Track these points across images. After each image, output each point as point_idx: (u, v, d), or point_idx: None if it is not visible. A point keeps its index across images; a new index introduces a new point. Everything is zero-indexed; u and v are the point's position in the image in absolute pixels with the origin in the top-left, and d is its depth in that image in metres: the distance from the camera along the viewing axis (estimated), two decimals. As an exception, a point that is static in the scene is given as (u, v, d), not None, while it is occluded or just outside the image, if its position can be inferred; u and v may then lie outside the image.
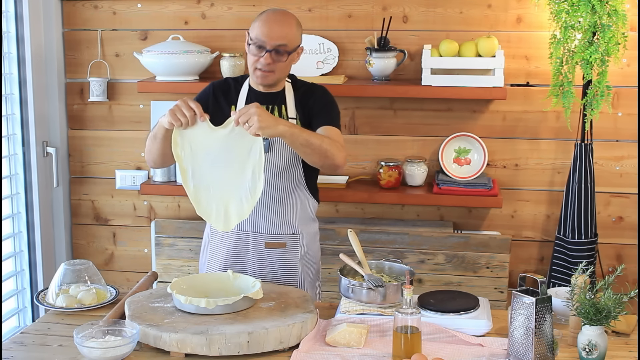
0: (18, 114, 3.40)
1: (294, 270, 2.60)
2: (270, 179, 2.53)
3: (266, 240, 2.58)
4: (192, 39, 3.45)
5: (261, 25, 2.45)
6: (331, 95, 2.62)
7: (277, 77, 2.51)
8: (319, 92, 2.60)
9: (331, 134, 2.46)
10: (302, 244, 2.61)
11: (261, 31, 2.44)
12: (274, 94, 2.56)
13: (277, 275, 2.59)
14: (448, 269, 3.30)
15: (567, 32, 2.99)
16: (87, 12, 3.53)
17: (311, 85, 2.63)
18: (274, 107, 2.55)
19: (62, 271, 2.46)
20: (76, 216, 3.71)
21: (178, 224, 3.47)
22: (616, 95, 3.25)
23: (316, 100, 2.56)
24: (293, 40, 2.48)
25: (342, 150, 2.42)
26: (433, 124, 3.41)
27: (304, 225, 2.62)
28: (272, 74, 2.48)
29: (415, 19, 3.35)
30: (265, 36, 2.43)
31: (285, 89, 2.58)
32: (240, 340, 2.01)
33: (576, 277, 2.13)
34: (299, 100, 2.56)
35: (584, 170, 3.13)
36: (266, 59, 2.44)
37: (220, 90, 2.60)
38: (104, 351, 1.95)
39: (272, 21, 2.46)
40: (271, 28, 2.44)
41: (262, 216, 2.57)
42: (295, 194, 2.58)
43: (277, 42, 2.43)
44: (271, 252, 2.59)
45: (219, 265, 2.63)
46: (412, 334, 1.99)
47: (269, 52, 2.43)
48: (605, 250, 3.36)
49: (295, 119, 2.54)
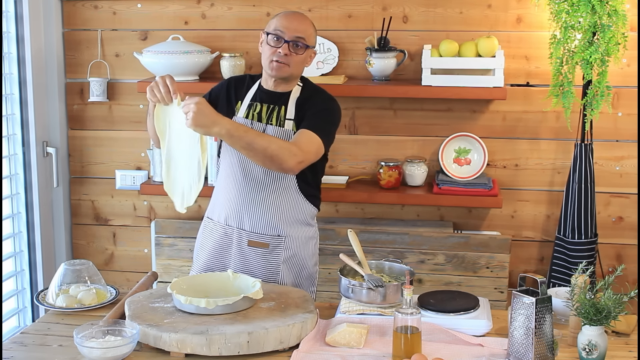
0: (18, 114, 3.40)
1: (276, 272, 2.60)
2: (258, 177, 2.55)
3: (249, 239, 2.59)
4: (192, 39, 3.45)
5: (281, 18, 2.53)
6: (333, 102, 2.61)
7: (291, 72, 2.53)
8: (320, 98, 2.61)
9: (301, 137, 2.46)
10: (287, 247, 2.60)
11: (281, 23, 2.51)
12: (280, 95, 2.58)
13: (258, 274, 2.58)
14: (448, 269, 3.30)
15: (567, 32, 2.99)
16: (87, 12, 3.54)
17: (317, 91, 2.64)
18: (275, 107, 2.57)
19: (62, 271, 2.46)
20: (76, 216, 3.71)
21: (178, 224, 3.47)
22: (616, 95, 3.25)
23: (312, 105, 2.56)
24: (310, 37, 2.55)
25: (296, 155, 2.40)
26: (433, 124, 3.41)
27: (292, 229, 2.61)
28: (287, 67, 2.51)
29: (415, 19, 3.35)
30: (284, 28, 2.50)
31: (293, 91, 2.59)
32: (240, 340, 2.01)
33: (576, 277, 2.13)
34: (300, 102, 2.57)
35: (584, 170, 3.13)
36: (284, 49, 2.49)
37: (234, 85, 2.68)
38: (104, 351, 1.95)
39: (292, 15, 2.56)
40: (291, 21, 2.52)
41: (247, 214, 2.58)
42: (285, 197, 2.57)
43: (296, 34, 2.50)
44: (253, 251, 2.59)
45: (205, 257, 2.67)
46: (412, 334, 1.99)
47: (287, 42, 2.49)
48: (605, 250, 3.36)
49: (292, 121, 2.55)
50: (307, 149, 2.45)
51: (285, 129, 2.54)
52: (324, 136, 2.51)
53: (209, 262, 2.65)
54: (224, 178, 2.62)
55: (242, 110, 2.59)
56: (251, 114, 2.58)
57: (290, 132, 2.53)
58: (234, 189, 2.58)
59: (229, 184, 2.60)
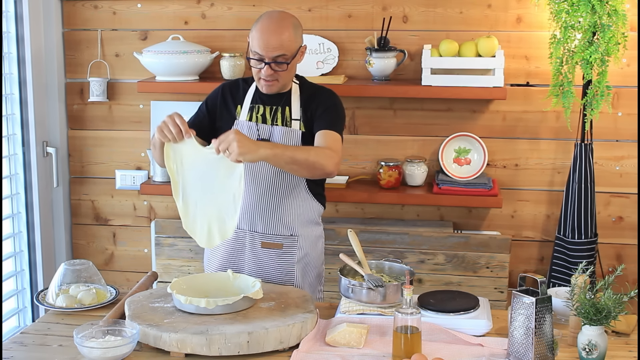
0: (18, 114, 3.40)
1: (290, 272, 2.60)
2: (268, 179, 2.54)
3: (262, 240, 2.59)
4: (192, 39, 3.45)
5: (258, 37, 2.43)
6: (337, 97, 2.61)
7: (281, 84, 2.51)
8: (324, 95, 2.59)
9: (327, 139, 2.46)
10: (300, 247, 2.61)
11: (258, 44, 2.43)
12: (280, 95, 2.57)
13: (273, 275, 2.58)
14: (448, 269, 3.30)
15: (567, 32, 2.99)
16: (87, 12, 3.54)
17: (318, 88, 2.63)
18: (277, 107, 2.56)
19: (62, 271, 2.46)
20: (76, 216, 3.71)
21: (178, 224, 3.47)
22: (616, 95, 3.25)
23: (320, 103, 2.55)
24: (291, 47, 2.45)
25: (333, 157, 2.40)
26: (433, 124, 3.41)
27: (304, 228, 2.62)
28: (276, 82, 2.49)
29: (415, 19, 3.35)
30: (262, 49, 2.43)
31: (292, 90, 2.58)
32: (240, 340, 2.01)
33: (576, 277, 2.13)
34: (304, 102, 2.56)
35: (584, 170, 3.13)
36: (267, 70, 2.45)
37: (229, 91, 2.63)
38: (104, 351, 1.95)
39: (267, 32, 2.43)
40: (267, 40, 2.42)
41: (259, 215, 2.57)
42: (296, 196, 2.58)
43: (275, 54, 2.43)
44: (267, 252, 2.59)
45: (218, 262, 2.65)
46: (412, 334, 1.99)
47: (268, 64, 2.44)
48: (605, 250, 3.36)
49: (299, 121, 2.54)
50: (337, 148, 2.46)
51: (293, 129, 2.53)
52: (341, 132, 2.54)
53: (222, 268, 2.63)
54: None
55: (244, 114, 2.57)
56: (254, 116, 2.56)
57: (298, 132, 2.52)
58: (245, 195, 2.56)
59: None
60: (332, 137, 2.48)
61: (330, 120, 2.52)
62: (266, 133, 2.54)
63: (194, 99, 3.39)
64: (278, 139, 2.51)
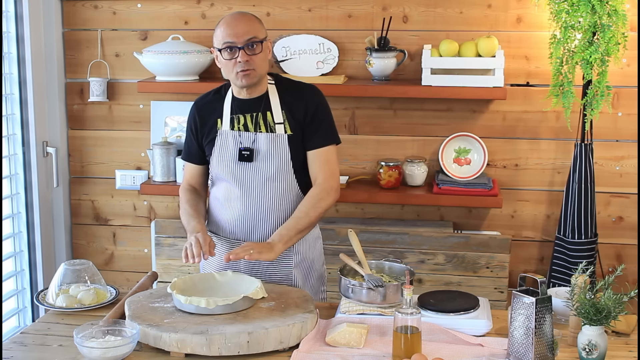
0: (18, 114, 3.40)
1: (288, 278, 2.57)
2: (259, 188, 2.51)
3: None
4: (192, 39, 3.45)
5: (225, 28, 2.43)
6: (320, 94, 2.56)
7: (259, 74, 2.45)
8: (307, 93, 2.53)
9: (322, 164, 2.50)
10: (296, 251, 2.57)
11: (227, 33, 2.41)
12: (258, 100, 2.51)
13: (272, 280, 2.56)
14: (448, 269, 3.30)
15: (567, 32, 2.99)
16: (87, 12, 3.54)
17: (296, 84, 2.57)
18: (258, 114, 2.50)
19: (62, 271, 2.46)
20: (76, 216, 3.71)
21: (178, 224, 3.47)
22: (616, 95, 3.25)
23: (307, 106, 2.49)
24: (259, 31, 2.45)
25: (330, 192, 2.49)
26: (433, 124, 3.41)
27: None
28: (253, 71, 2.43)
29: (415, 19, 3.35)
30: (233, 36, 2.41)
31: (269, 91, 2.52)
32: (240, 340, 2.01)
33: (576, 277, 2.13)
34: (284, 101, 2.50)
35: (584, 170, 3.13)
36: (242, 56, 2.40)
37: (202, 107, 2.59)
38: (104, 351, 1.95)
39: (234, 21, 2.44)
40: (235, 26, 2.42)
41: (254, 225, 2.54)
42: (289, 201, 2.53)
43: (247, 37, 2.41)
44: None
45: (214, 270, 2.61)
46: (412, 334, 1.99)
47: (241, 49, 2.41)
48: (605, 250, 3.36)
49: (282, 124, 2.48)
50: (334, 169, 2.52)
51: (277, 134, 2.48)
52: (334, 136, 2.55)
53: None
54: (223, 201, 2.57)
55: (226, 125, 2.52)
56: (236, 127, 2.51)
57: (284, 136, 2.47)
58: (238, 207, 2.53)
59: (231, 204, 2.54)
60: (327, 157, 2.51)
61: (323, 133, 2.51)
62: (249, 141, 2.49)
63: (193, 99, 3.35)
64: (264, 147, 2.47)
